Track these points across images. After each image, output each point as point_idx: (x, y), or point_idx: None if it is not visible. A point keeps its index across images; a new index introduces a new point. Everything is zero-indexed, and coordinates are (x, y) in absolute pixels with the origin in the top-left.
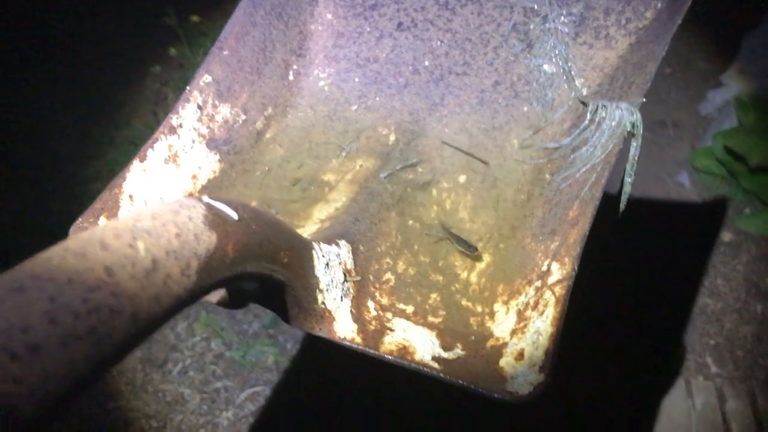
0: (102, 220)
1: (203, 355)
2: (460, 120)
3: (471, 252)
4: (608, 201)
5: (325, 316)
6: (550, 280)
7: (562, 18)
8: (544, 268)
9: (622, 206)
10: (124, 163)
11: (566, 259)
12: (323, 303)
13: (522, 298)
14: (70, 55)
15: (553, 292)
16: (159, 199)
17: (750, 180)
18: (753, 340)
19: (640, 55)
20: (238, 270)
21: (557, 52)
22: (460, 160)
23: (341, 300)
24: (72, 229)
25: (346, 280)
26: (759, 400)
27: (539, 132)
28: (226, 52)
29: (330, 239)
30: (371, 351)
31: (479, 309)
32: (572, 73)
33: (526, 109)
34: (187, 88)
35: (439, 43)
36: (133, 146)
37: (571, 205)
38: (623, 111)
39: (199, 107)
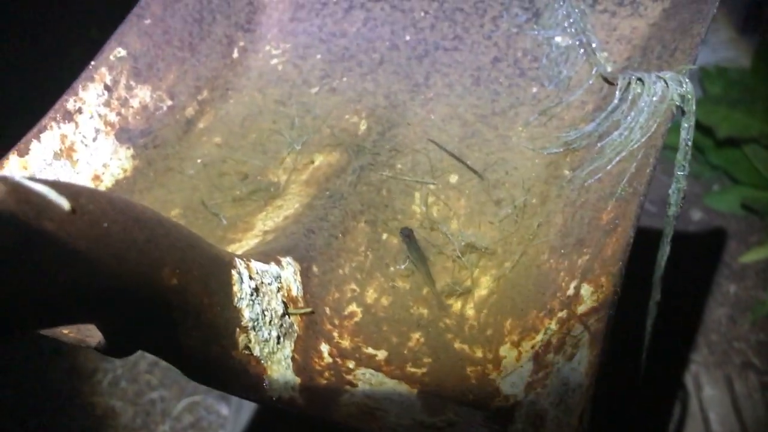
0: None
1: (136, 363)
2: (449, 104)
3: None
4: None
5: (250, 366)
6: (581, 308)
7: None
8: (571, 291)
9: (673, 209)
10: None
11: (602, 279)
12: (247, 348)
13: (540, 337)
14: None
15: (586, 327)
16: None
17: (718, 154)
18: (727, 323)
19: (681, 18)
20: (67, 288)
21: (571, 22)
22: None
23: (278, 342)
24: None
25: (287, 314)
26: (736, 386)
27: (553, 118)
28: (147, 21)
29: (268, 256)
30: (317, 415)
31: (479, 354)
32: (592, 45)
33: (535, 90)
34: (92, 63)
35: (422, 14)
36: None
37: (604, 205)
38: (668, 82)
39: (108, 88)
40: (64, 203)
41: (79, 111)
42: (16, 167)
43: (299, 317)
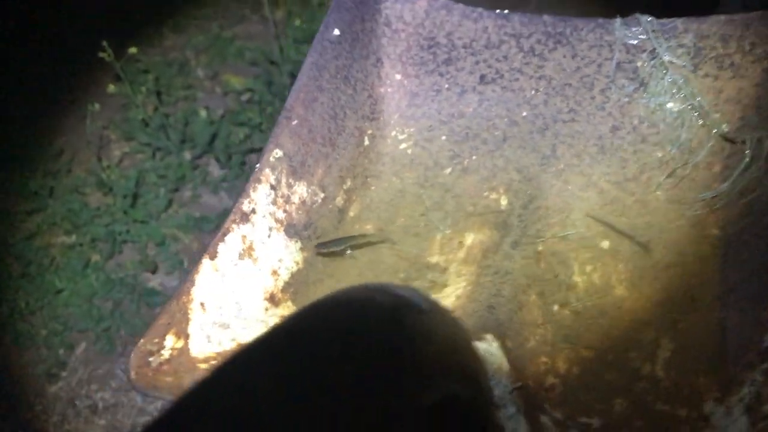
0: (170, 340)
1: None
2: (582, 173)
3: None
4: None
5: None
6: None
7: (673, 51)
8: (766, 343)
9: None
10: (67, 216)
11: None
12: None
13: (747, 389)
14: None
15: None
16: (236, 304)
17: None
18: None
19: None
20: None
21: (679, 88)
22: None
23: (517, 417)
24: (132, 356)
25: (513, 389)
26: None
27: (684, 179)
28: (295, 122)
29: (473, 333)
30: None
31: (683, 413)
32: (705, 108)
33: (660, 154)
34: (257, 166)
35: (533, 92)
36: (77, 195)
37: None
38: None
39: (273, 187)
40: (422, 303)
41: (254, 211)
42: (209, 269)
43: (517, 391)
